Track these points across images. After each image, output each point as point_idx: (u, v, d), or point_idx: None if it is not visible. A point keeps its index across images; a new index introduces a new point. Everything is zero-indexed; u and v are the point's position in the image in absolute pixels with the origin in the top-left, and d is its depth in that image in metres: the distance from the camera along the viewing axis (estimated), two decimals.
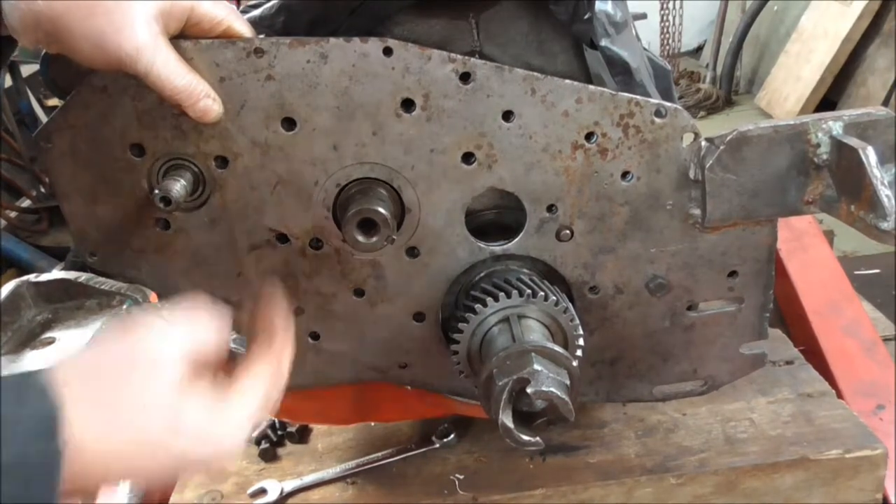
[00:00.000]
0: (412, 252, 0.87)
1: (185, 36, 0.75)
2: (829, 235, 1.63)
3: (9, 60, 0.88)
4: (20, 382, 0.52)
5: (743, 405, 1.13)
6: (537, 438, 0.76)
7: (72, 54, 0.72)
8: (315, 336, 0.92)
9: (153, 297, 0.88)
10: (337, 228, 0.84)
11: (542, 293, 0.83)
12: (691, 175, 0.84)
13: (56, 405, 0.50)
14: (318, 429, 1.23)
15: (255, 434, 1.20)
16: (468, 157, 0.82)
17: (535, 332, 0.81)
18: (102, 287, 0.85)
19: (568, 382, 0.76)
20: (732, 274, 0.91)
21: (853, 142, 0.78)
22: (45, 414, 0.50)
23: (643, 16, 4.56)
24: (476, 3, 0.81)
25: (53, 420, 0.50)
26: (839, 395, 1.16)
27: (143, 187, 0.82)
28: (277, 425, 1.22)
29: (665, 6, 6.02)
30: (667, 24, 6.09)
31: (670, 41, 6.13)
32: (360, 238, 0.78)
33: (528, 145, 0.81)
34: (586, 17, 0.79)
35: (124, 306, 0.84)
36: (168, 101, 0.74)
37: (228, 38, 0.77)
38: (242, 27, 0.77)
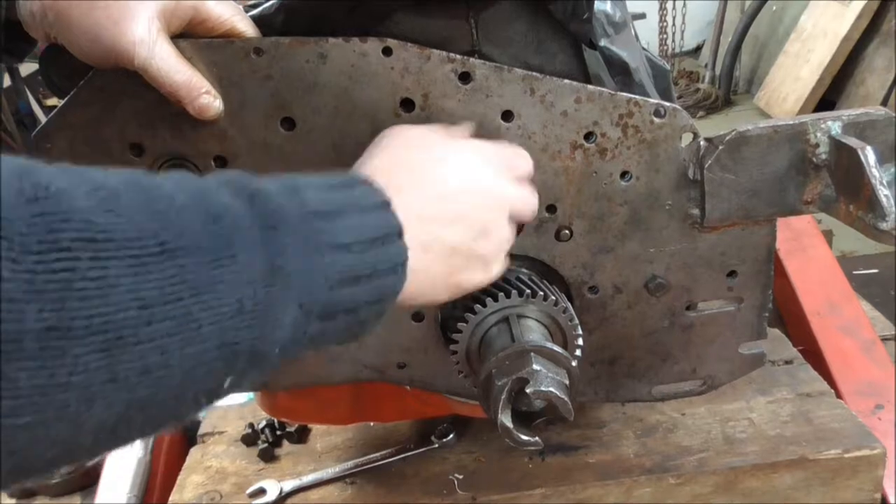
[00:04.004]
0: None
1: (188, 34, 0.75)
2: (828, 235, 1.63)
3: (24, 58, 0.88)
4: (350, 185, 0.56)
5: (742, 405, 1.13)
6: (536, 438, 0.76)
7: (72, 49, 0.72)
8: None
9: None
10: None
11: (542, 293, 0.83)
12: (690, 175, 0.84)
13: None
14: (316, 429, 1.23)
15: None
16: None
17: (534, 332, 0.81)
18: None
19: (567, 382, 0.76)
20: (731, 274, 0.91)
21: (852, 142, 0.78)
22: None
23: (642, 16, 4.56)
24: (475, 2, 0.81)
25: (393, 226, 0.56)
26: (838, 395, 1.16)
27: None
28: (276, 425, 1.22)
29: (664, 6, 6.02)
30: (665, 24, 6.09)
31: (669, 41, 6.13)
32: None
33: (528, 145, 0.81)
34: (585, 16, 0.79)
35: None
36: (168, 98, 0.74)
37: (232, 37, 0.77)
38: (246, 27, 0.77)
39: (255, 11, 0.81)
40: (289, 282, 0.46)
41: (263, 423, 1.22)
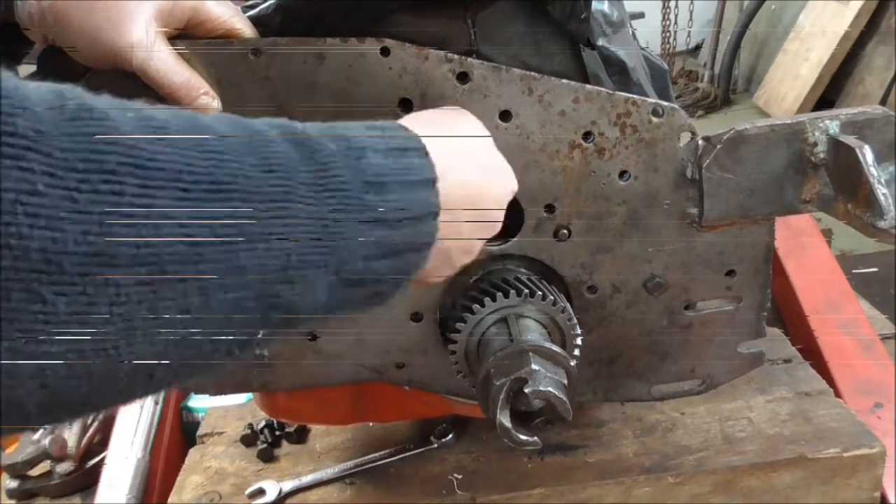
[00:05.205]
0: None
1: (187, 35, 0.75)
2: (828, 234, 1.63)
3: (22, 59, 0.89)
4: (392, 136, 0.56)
5: (741, 404, 1.13)
6: (535, 438, 0.76)
7: (70, 50, 0.72)
8: (313, 336, 0.92)
9: None
10: None
11: (540, 293, 0.83)
12: (688, 174, 0.84)
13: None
14: (316, 429, 1.23)
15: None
16: None
17: (532, 332, 0.81)
18: None
19: (566, 382, 0.76)
20: (730, 273, 0.91)
21: (850, 140, 0.78)
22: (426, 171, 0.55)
23: (641, 15, 4.55)
24: (473, 2, 0.81)
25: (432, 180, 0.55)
26: (837, 394, 1.16)
27: None
28: (275, 426, 1.22)
29: (666, 5, 6.02)
30: (668, 22, 6.09)
31: (671, 39, 6.13)
32: None
33: (526, 145, 0.81)
34: (583, 16, 0.79)
35: None
36: (167, 99, 0.74)
37: (230, 38, 0.77)
38: (244, 27, 0.77)
39: (252, 12, 0.81)
40: (333, 248, 0.46)
41: (263, 423, 1.22)
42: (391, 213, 0.50)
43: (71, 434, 1.46)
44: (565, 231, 0.86)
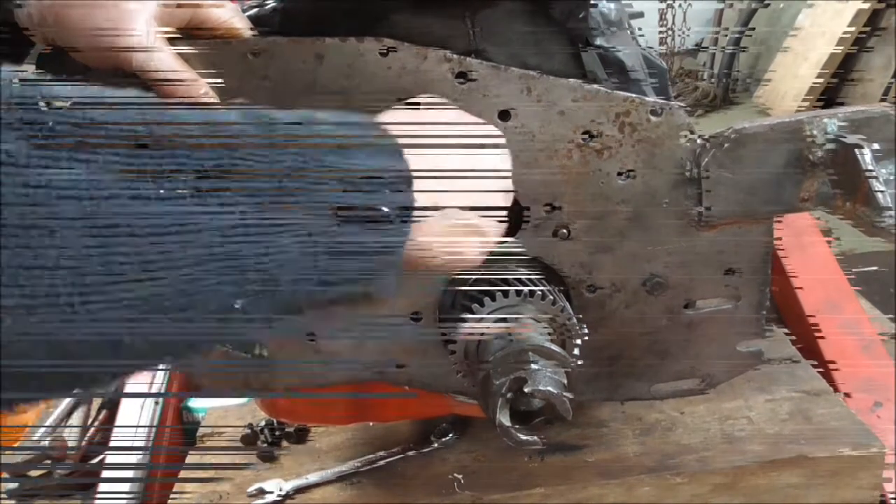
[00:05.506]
0: None
1: (186, 36, 0.76)
2: (828, 233, 1.62)
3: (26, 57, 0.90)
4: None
5: (741, 403, 1.13)
6: (536, 437, 0.76)
7: (72, 52, 0.73)
8: (313, 336, 0.92)
9: None
10: None
11: (540, 292, 0.83)
12: (688, 173, 0.84)
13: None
14: (316, 429, 1.23)
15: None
16: None
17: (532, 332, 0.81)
18: None
19: (566, 381, 0.76)
20: (730, 272, 0.91)
21: (849, 139, 0.78)
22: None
23: (640, 14, 4.56)
24: (472, 2, 0.81)
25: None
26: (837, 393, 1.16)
27: None
28: (276, 425, 1.22)
29: (667, 4, 6.02)
30: (666, 21, 6.09)
31: (670, 39, 6.13)
32: None
33: (525, 144, 0.81)
34: (581, 16, 0.80)
35: None
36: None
37: (230, 38, 0.77)
38: (244, 28, 0.78)
39: (251, 12, 0.81)
40: (283, 200, 0.45)
41: (263, 423, 1.22)
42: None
43: (71, 434, 1.47)
44: (565, 230, 0.86)
